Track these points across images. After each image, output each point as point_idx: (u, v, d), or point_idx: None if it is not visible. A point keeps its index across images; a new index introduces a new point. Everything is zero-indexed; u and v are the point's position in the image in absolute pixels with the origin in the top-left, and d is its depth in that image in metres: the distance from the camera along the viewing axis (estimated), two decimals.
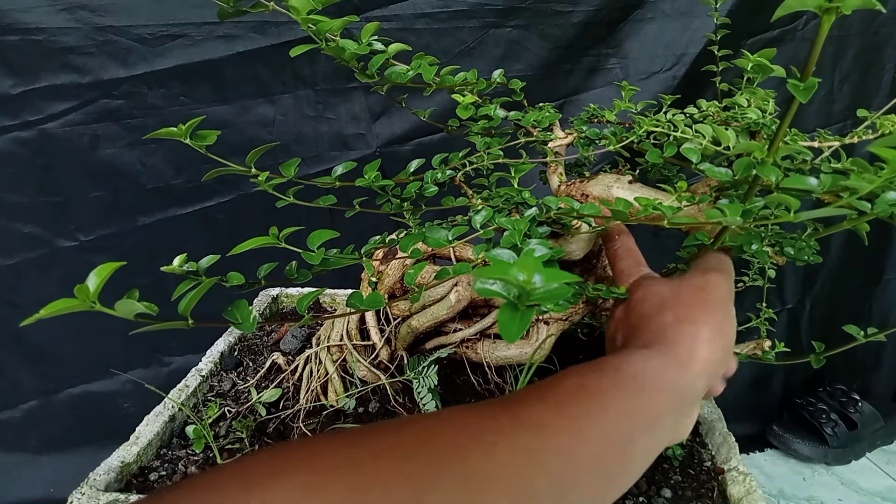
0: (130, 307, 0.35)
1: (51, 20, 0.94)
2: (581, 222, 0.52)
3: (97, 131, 1.02)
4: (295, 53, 0.48)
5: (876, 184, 0.34)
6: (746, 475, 0.52)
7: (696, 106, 0.57)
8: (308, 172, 1.02)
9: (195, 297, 0.39)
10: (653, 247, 1.22)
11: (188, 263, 0.44)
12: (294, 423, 0.62)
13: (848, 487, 1.22)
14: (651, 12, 1.08)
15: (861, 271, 1.32)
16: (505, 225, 0.46)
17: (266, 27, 1.00)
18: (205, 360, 0.72)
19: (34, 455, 1.18)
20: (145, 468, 0.58)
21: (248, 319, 0.41)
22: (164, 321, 0.38)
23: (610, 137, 0.57)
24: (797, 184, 0.37)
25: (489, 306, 0.66)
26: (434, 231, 0.46)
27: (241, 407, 0.64)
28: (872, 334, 0.53)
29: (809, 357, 0.56)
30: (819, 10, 0.30)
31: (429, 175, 0.59)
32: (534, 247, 0.41)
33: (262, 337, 0.80)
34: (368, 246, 0.53)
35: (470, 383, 0.66)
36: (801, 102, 0.34)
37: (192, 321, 0.39)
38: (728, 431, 0.58)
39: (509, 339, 0.27)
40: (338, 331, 0.68)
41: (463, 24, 1.04)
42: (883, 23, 1.14)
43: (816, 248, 0.53)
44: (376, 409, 0.63)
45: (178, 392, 0.66)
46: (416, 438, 0.28)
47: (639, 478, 0.35)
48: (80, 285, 0.33)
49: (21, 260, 1.07)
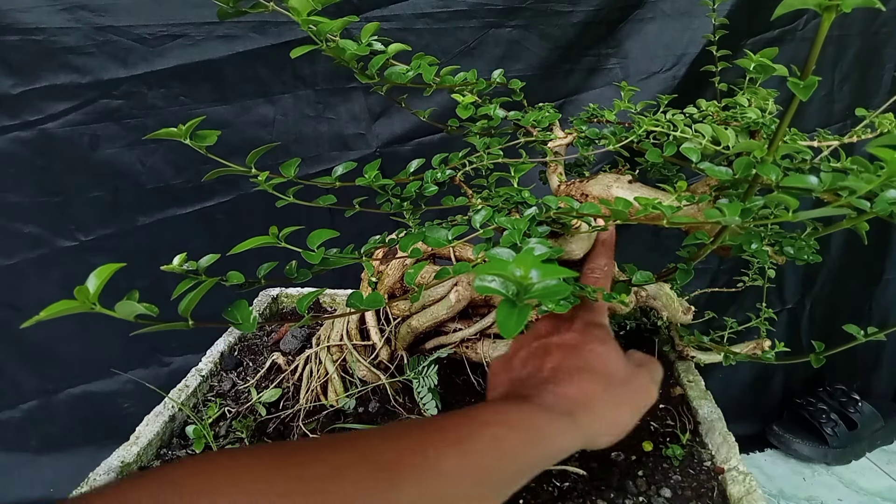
0: (130, 308, 0.35)
1: (51, 20, 0.94)
2: (581, 222, 0.52)
3: (97, 131, 1.02)
4: (296, 55, 0.48)
5: (875, 183, 0.34)
6: (746, 475, 0.52)
7: (696, 106, 0.57)
8: (308, 172, 1.02)
9: (195, 297, 0.39)
10: (653, 247, 1.22)
11: (188, 263, 0.44)
12: (294, 422, 0.62)
13: (848, 487, 1.22)
14: (651, 12, 1.08)
15: (861, 271, 1.32)
16: (504, 224, 0.46)
17: (266, 27, 1.00)
18: (205, 360, 0.72)
19: (34, 455, 1.18)
20: (145, 468, 0.58)
21: (249, 320, 0.41)
22: (164, 322, 0.38)
23: (610, 137, 0.57)
24: (797, 183, 0.37)
25: (489, 306, 0.66)
26: (434, 231, 0.46)
27: (241, 407, 0.64)
28: (872, 334, 0.52)
29: (809, 357, 0.56)
30: (819, 9, 0.30)
31: (428, 175, 0.59)
32: (533, 245, 0.41)
33: (262, 337, 0.80)
34: (368, 246, 0.53)
35: (470, 383, 0.66)
36: (801, 101, 0.34)
37: (193, 322, 0.39)
38: (728, 431, 0.58)
39: (507, 336, 0.27)
40: (338, 331, 0.68)
41: (463, 24, 1.04)
42: (883, 22, 1.14)
43: (816, 248, 0.53)
44: (376, 409, 0.63)
45: (178, 392, 0.66)
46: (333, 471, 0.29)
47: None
48: (80, 287, 0.33)
49: (21, 260, 1.07)
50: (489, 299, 0.65)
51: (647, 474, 0.55)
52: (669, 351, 0.73)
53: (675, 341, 0.71)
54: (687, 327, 0.70)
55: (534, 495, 0.53)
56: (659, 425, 0.61)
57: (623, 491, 0.53)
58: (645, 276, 0.54)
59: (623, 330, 0.78)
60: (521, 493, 0.53)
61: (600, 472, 0.55)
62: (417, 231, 0.53)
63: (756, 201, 0.40)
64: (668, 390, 0.67)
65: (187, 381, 0.68)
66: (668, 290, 0.66)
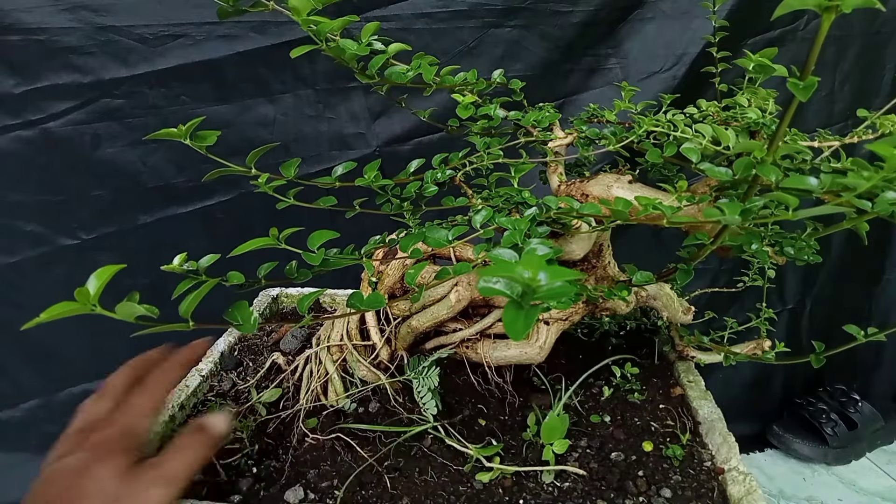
0: (131, 310, 0.35)
1: (52, 20, 0.94)
2: (581, 222, 0.52)
3: (98, 130, 1.03)
4: (295, 55, 0.48)
5: (874, 181, 0.34)
6: (746, 475, 0.52)
7: (696, 106, 0.57)
8: (308, 172, 1.02)
9: (196, 298, 0.39)
10: (653, 247, 1.22)
11: (188, 263, 0.44)
12: (294, 422, 0.62)
13: (848, 487, 1.22)
14: (651, 12, 1.08)
15: (861, 271, 1.32)
16: (505, 224, 0.46)
17: (266, 27, 1.01)
18: (205, 361, 0.72)
19: (34, 455, 1.18)
20: None
21: (249, 321, 0.41)
22: (164, 323, 0.38)
23: (610, 137, 0.57)
24: (797, 183, 0.37)
25: (489, 306, 0.66)
26: (434, 231, 0.46)
27: (240, 407, 0.65)
28: (872, 334, 0.53)
29: (809, 357, 0.56)
30: (819, 9, 0.30)
31: (428, 175, 0.59)
32: (535, 246, 0.41)
33: (262, 337, 0.80)
34: (368, 246, 0.53)
35: (470, 383, 0.66)
36: (801, 102, 0.34)
37: (193, 323, 0.39)
38: (728, 432, 0.58)
39: (515, 338, 0.27)
40: (338, 331, 0.68)
41: (462, 24, 1.04)
42: (884, 23, 1.14)
43: (816, 248, 0.53)
44: (376, 409, 0.63)
45: (178, 392, 0.66)
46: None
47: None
48: (81, 288, 0.33)
49: (23, 258, 1.07)
50: (489, 300, 0.65)
51: (647, 474, 0.55)
52: (669, 351, 0.73)
53: (675, 341, 0.71)
54: (687, 327, 0.70)
55: (534, 496, 0.53)
56: (659, 425, 0.61)
57: (623, 491, 0.53)
58: (645, 277, 0.54)
59: (623, 330, 0.78)
60: (521, 494, 0.53)
61: (600, 471, 0.55)
62: (418, 231, 0.53)
63: (756, 201, 0.40)
64: (668, 390, 0.67)
65: (187, 381, 0.68)
66: (668, 290, 0.66)
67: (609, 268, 0.64)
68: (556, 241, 0.58)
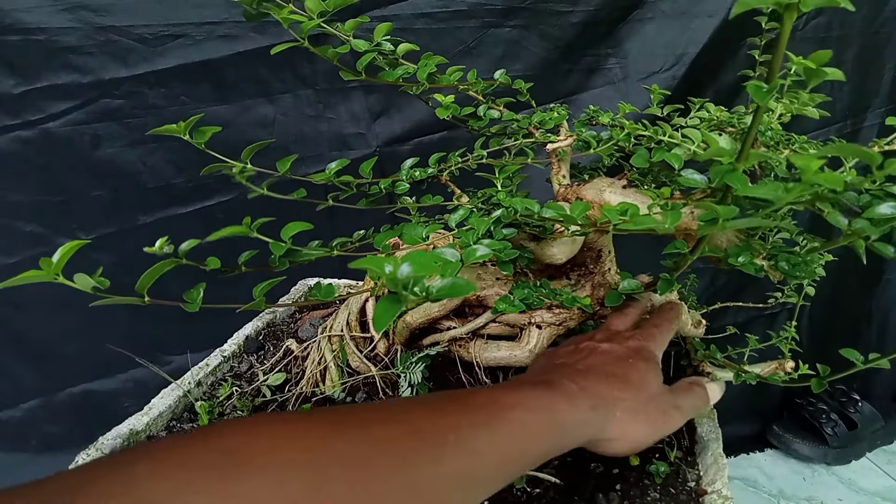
0: (86, 281, 0.39)
1: (52, 20, 0.94)
2: (562, 226, 0.52)
3: (98, 131, 1.03)
4: (275, 51, 0.50)
5: (794, 193, 0.33)
6: (727, 499, 0.49)
7: (689, 102, 0.56)
8: (308, 172, 1.02)
9: (151, 275, 0.42)
10: (653, 248, 1.22)
11: (168, 246, 0.47)
12: (289, 406, 0.63)
13: (848, 487, 1.22)
14: (651, 12, 1.08)
15: (861, 271, 1.32)
16: (473, 224, 0.47)
17: (266, 27, 1.01)
18: (230, 342, 0.74)
19: (34, 455, 1.18)
20: (153, 437, 0.59)
21: (196, 301, 0.46)
22: (125, 297, 0.41)
23: (602, 141, 0.57)
24: (755, 192, 0.36)
25: (483, 306, 0.66)
26: (411, 228, 0.47)
27: (250, 388, 0.66)
28: (874, 359, 0.52)
29: (811, 382, 0.55)
30: (779, 9, 0.30)
31: (403, 173, 0.60)
32: (476, 247, 0.41)
33: (290, 324, 0.80)
34: (340, 240, 0.57)
35: (462, 382, 0.66)
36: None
37: (149, 299, 0.42)
38: (721, 453, 0.55)
39: (378, 329, 0.28)
40: (340, 321, 0.69)
41: (462, 24, 1.04)
42: (883, 23, 1.14)
43: (815, 275, 0.53)
44: (363, 399, 0.64)
45: (198, 369, 0.67)
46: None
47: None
48: (45, 258, 0.35)
49: (22, 258, 1.07)
50: (483, 299, 0.65)
51: (623, 489, 0.52)
52: (686, 365, 0.71)
53: (690, 355, 0.69)
54: (703, 341, 0.69)
55: (500, 500, 0.50)
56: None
57: (592, 503, 0.51)
58: (633, 285, 0.54)
59: None
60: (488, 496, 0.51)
61: (575, 482, 0.53)
62: (397, 227, 0.55)
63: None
64: None
65: (209, 359, 0.70)
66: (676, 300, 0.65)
67: (609, 275, 0.62)
68: (538, 245, 0.58)
